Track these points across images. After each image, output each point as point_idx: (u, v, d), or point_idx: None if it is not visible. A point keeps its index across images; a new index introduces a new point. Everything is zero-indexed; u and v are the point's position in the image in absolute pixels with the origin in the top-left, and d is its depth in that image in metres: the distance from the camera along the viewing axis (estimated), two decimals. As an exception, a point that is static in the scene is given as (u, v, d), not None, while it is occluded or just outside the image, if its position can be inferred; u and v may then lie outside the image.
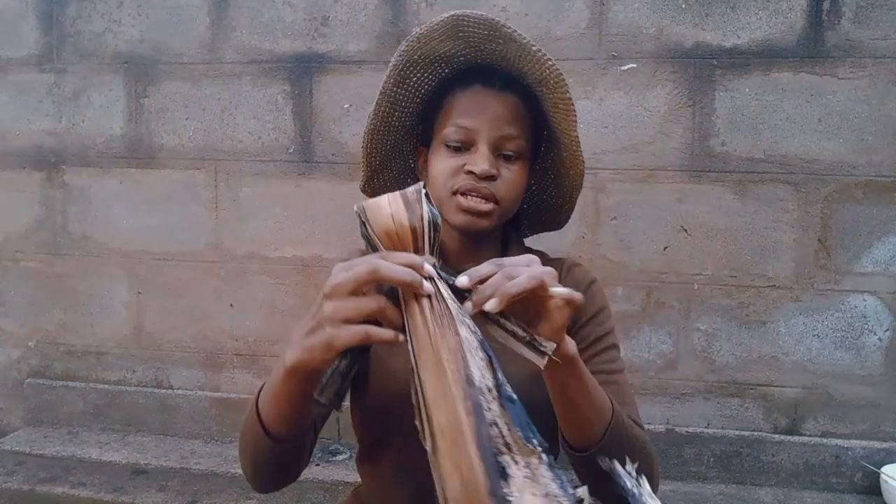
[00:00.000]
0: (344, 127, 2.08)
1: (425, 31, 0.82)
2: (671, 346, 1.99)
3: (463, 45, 0.83)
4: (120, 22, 2.18)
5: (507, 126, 0.83)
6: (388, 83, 0.86)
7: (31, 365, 2.36)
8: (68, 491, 1.90)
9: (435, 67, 0.87)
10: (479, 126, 0.82)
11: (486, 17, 0.79)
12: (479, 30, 0.80)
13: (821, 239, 1.91)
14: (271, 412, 0.70)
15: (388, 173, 0.95)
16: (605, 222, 1.98)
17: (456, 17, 0.79)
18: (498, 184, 0.83)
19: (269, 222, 2.15)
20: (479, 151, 0.82)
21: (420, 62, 0.85)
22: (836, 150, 1.88)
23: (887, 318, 1.90)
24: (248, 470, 0.79)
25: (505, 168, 0.84)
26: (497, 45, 0.81)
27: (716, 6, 1.88)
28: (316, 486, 1.92)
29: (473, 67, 0.86)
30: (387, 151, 0.92)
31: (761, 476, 1.95)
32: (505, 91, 0.84)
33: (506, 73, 0.85)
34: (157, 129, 2.19)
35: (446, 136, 0.84)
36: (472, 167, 0.81)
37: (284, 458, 0.76)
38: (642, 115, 1.94)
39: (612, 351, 0.87)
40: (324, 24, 2.06)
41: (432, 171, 0.86)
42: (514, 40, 0.79)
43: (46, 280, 2.31)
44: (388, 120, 0.89)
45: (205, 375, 2.24)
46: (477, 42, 0.82)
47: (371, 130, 0.89)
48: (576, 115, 0.82)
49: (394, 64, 0.84)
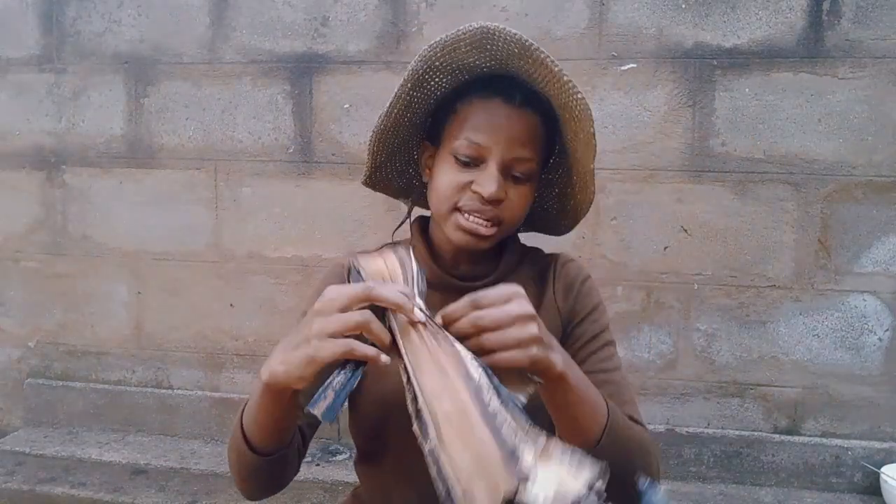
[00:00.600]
0: (344, 127, 2.08)
1: (451, 39, 0.77)
2: (671, 346, 1.99)
3: (489, 57, 0.80)
4: (120, 22, 2.18)
5: (521, 148, 0.80)
6: (406, 87, 0.82)
7: (31, 365, 2.36)
8: (68, 491, 1.91)
9: (456, 75, 0.83)
10: (492, 145, 0.79)
11: (519, 36, 0.75)
12: (508, 47, 0.76)
13: (821, 239, 1.91)
14: (253, 426, 0.72)
15: (391, 166, 0.94)
16: (605, 222, 1.97)
17: (486, 29, 0.75)
18: (503, 207, 0.80)
19: (269, 222, 2.15)
20: (488, 171, 0.79)
21: (441, 69, 0.82)
22: (836, 150, 1.88)
23: (887, 318, 1.90)
24: (237, 481, 0.81)
25: (513, 189, 0.81)
26: (525, 64, 0.77)
27: (716, 6, 1.88)
28: (316, 486, 1.92)
29: (494, 76, 0.82)
30: (394, 148, 0.91)
31: (761, 476, 1.95)
32: (524, 108, 0.80)
33: (525, 89, 0.81)
34: (157, 129, 2.19)
35: (457, 148, 0.80)
36: (479, 188, 0.78)
37: (269, 471, 0.76)
38: (642, 115, 1.94)
39: (608, 348, 0.86)
40: (324, 24, 2.06)
41: (437, 180, 0.83)
42: (545, 65, 0.75)
43: (46, 280, 2.31)
44: (400, 120, 0.86)
45: (205, 375, 2.24)
46: (504, 57, 0.78)
47: (382, 130, 0.86)
48: (596, 149, 0.79)
49: (413, 68, 0.81)
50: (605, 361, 0.85)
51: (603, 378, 0.82)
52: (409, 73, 0.81)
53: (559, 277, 0.90)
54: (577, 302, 0.88)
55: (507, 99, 0.80)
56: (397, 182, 0.96)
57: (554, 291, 0.89)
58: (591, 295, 0.89)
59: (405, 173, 0.96)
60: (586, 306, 0.88)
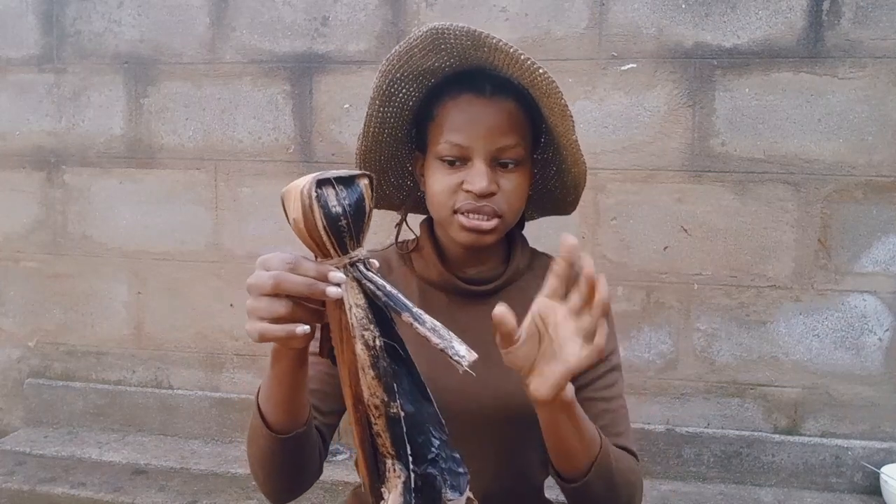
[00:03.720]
0: (344, 127, 2.08)
1: (405, 47, 0.78)
2: (671, 346, 1.99)
3: (447, 56, 0.80)
4: (120, 22, 2.18)
5: (503, 136, 0.79)
6: (374, 104, 0.83)
7: (31, 365, 2.36)
8: (68, 491, 1.91)
9: (420, 80, 0.83)
10: (472, 142, 0.79)
11: (468, 28, 0.75)
12: (461, 41, 0.76)
13: (821, 239, 1.91)
14: (267, 404, 0.71)
15: (385, 183, 0.94)
16: (605, 222, 1.97)
17: (436, 29, 0.76)
18: (498, 198, 0.80)
19: (269, 222, 2.15)
20: (475, 168, 0.79)
21: (404, 79, 0.82)
22: (836, 150, 1.87)
23: (887, 318, 1.90)
24: (261, 476, 0.77)
25: (504, 178, 0.81)
26: (483, 54, 0.78)
27: (716, 6, 1.88)
28: (316, 486, 1.90)
29: (461, 74, 0.83)
30: (381, 165, 0.91)
31: (761, 476, 1.95)
32: (496, 97, 0.80)
33: (495, 78, 0.82)
34: (157, 129, 2.19)
35: (440, 152, 0.81)
36: (470, 187, 0.79)
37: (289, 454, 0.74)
38: (642, 115, 1.94)
39: (612, 374, 0.86)
40: (324, 24, 2.06)
41: (430, 188, 0.84)
42: (500, 49, 0.75)
43: (46, 280, 2.31)
44: (378, 139, 0.87)
45: (205, 375, 2.24)
46: (461, 52, 0.79)
47: (364, 151, 0.87)
48: (573, 120, 0.79)
49: (377, 84, 0.81)
50: (608, 389, 0.85)
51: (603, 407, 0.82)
52: (374, 90, 0.82)
53: None
54: None
55: (478, 92, 0.80)
56: (396, 196, 0.97)
57: None
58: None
59: (403, 187, 0.96)
60: None
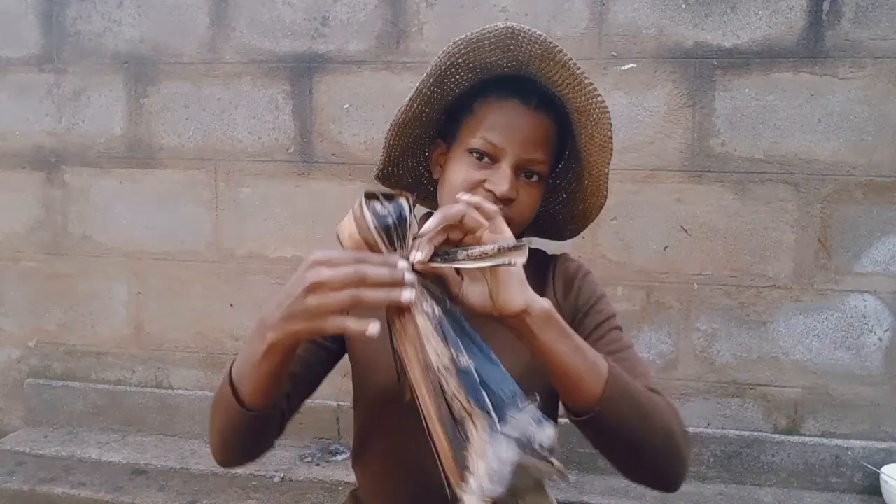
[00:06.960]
0: (344, 127, 2.08)
1: (475, 37, 0.80)
2: (671, 346, 1.99)
3: (511, 58, 0.82)
4: (120, 22, 2.18)
5: (535, 150, 0.82)
6: (428, 82, 0.84)
7: (31, 365, 2.36)
8: (68, 491, 1.90)
9: (476, 72, 0.85)
10: (507, 145, 0.81)
11: (543, 38, 0.77)
12: (531, 48, 0.78)
13: (821, 239, 1.91)
14: (248, 385, 0.70)
15: (403, 161, 0.95)
16: (605, 222, 1.97)
17: (512, 29, 0.78)
18: (514, 206, 0.82)
19: (269, 222, 2.15)
20: (501, 170, 0.81)
21: (463, 66, 0.84)
22: (836, 150, 1.88)
23: (887, 318, 1.90)
24: (216, 442, 0.78)
25: (524, 189, 0.83)
26: (546, 66, 0.80)
27: (716, 6, 1.88)
28: (316, 486, 1.92)
29: (513, 77, 0.85)
30: (409, 142, 0.92)
31: (761, 476, 1.95)
32: (540, 111, 0.82)
33: (544, 92, 0.83)
34: (157, 129, 2.19)
35: (472, 144, 0.82)
36: (492, 187, 0.80)
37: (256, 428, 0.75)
38: (642, 115, 1.94)
39: (614, 332, 0.86)
40: (324, 24, 2.06)
41: (450, 175, 0.85)
42: (567, 67, 0.77)
43: (46, 280, 2.31)
44: (418, 115, 0.88)
45: (205, 375, 2.24)
46: (526, 58, 0.81)
47: (401, 124, 0.88)
48: (611, 153, 0.81)
49: (437, 63, 0.82)
50: (614, 343, 0.85)
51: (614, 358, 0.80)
52: (433, 68, 0.83)
53: (558, 275, 0.92)
54: (578, 297, 0.89)
55: (525, 101, 0.82)
56: (408, 178, 0.98)
57: (554, 289, 0.90)
58: (591, 288, 0.90)
59: (416, 170, 0.97)
60: (589, 300, 0.88)
